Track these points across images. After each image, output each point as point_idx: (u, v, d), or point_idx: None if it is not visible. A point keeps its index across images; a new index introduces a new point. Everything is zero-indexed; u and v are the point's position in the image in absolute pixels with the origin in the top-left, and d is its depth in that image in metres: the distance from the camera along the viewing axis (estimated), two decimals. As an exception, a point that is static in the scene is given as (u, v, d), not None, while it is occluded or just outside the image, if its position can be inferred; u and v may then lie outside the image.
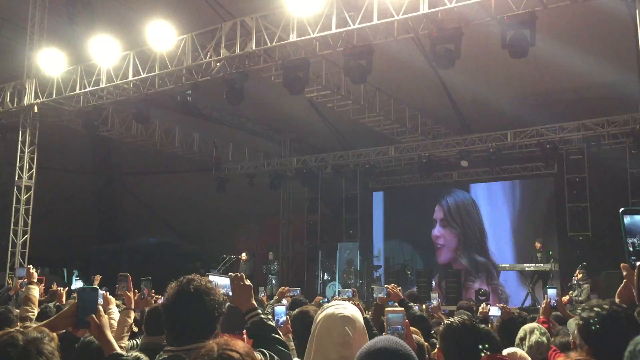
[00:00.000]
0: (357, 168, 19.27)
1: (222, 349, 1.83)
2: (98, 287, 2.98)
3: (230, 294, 2.84)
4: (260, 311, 2.72)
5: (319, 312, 2.64)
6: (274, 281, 17.37)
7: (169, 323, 2.58)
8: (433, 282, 16.69)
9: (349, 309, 2.61)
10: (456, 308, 8.55)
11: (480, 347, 2.80)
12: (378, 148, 17.88)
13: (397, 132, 16.82)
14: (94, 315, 2.74)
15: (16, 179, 14.45)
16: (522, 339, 4.37)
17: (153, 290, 5.26)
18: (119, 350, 2.81)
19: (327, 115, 17.29)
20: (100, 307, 2.81)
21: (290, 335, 4.02)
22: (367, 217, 20.44)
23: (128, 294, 4.64)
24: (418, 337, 3.55)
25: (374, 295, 5.82)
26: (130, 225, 23.04)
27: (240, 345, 1.88)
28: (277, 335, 2.65)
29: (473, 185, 18.91)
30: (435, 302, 7.24)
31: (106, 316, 2.84)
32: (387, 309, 2.95)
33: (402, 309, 3.02)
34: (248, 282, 2.87)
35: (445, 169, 18.62)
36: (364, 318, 4.56)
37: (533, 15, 9.43)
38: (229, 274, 2.91)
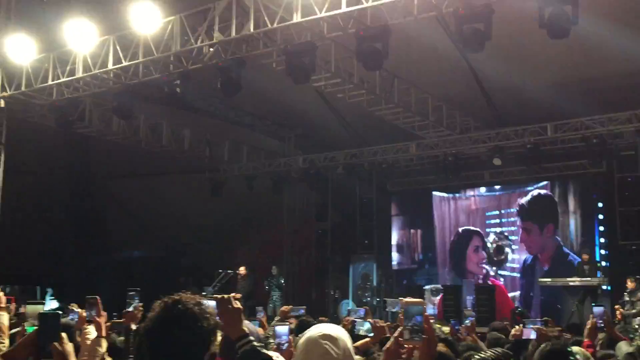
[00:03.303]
0: (373, 168, 19.25)
1: None
2: (60, 312, 3.02)
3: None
4: (252, 338, 2.74)
5: (298, 337, 2.70)
6: (276, 299, 17.39)
7: (150, 351, 2.57)
8: (467, 299, 16.66)
9: (330, 328, 2.66)
10: (488, 330, 8.53)
11: None
12: (397, 145, 17.87)
13: (419, 126, 16.80)
14: (56, 343, 2.79)
15: (-19, 183, 14.56)
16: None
17: (141, 304, 5.28)
18: None
19: (338, 107, 17.29)
20: (64, 334, 2.84)
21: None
22: (384, 224, 20.43)
23: (98, 319, 4.65)
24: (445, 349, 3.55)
25: (387, 309, 5.83)
26: (112, 237, 23.11)
27: None
28: None
29: (507, 186, 18.88)
30: (468, 322, 7.23)
31: (70, 344, 2.87)
32: (404, 300, 2.97)
33: (422, 300, 3.05)
34: (237, 305, 2.88)
35: (475, 169, 18.57)
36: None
37: (575, -12, 9.39)
38: (215, 295, 2.92)
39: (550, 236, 18.07)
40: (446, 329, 7.06)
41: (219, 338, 2.87)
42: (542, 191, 18.41)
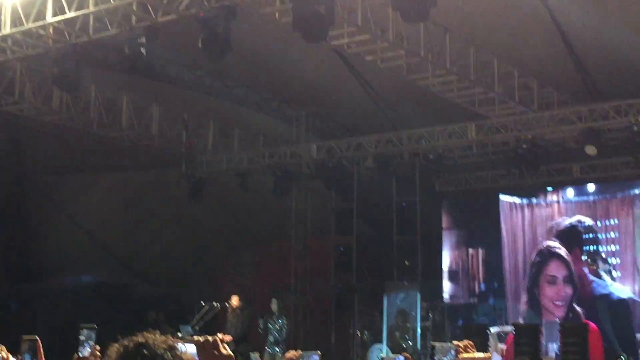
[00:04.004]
0: (416, 160, 19.21)
1: None
2: None
3: None
4: None
5: None
6: (277, 346, 17.40)
7: None
8: (551, 346, 16.67)
9: None
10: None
11: None
12: (449, 127, 17.83)
13: (481, 101, 16.73)
14: None
15: None
16: None
17: (98, 347, 5.35)
18: None
19: (367, 75, 17.27)
20: None
21: None
22: (432, 240, 20.38)
23: None
24: None
25: (435, 358, 5.79)
26: (53, 256, 23.25)
27: None
28: None
29: (605, 186, 18.78)
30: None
31: None
32: (463, 355, 2.98)
33: (487, 356, 3.05)
34: (227, 350, 2.88)
35: (559, 161, 18.48)
36: None
37: None
38: (196, 338, 2.92)
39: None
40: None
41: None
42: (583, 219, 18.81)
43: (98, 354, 5.21)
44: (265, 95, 19.75)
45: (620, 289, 18.18)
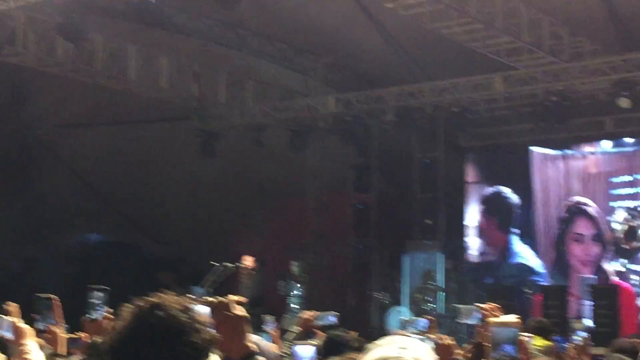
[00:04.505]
0: (439, 113, 19.15)
1: None
2: None
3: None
4: (262, 359, 2.78)
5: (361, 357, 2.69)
6: (295, 308, 17.54)
7: None
8: (584, 304, 16.69)
9: (412, 350, 2.63)
10: (609, 350, 8.51)
11: None
12: (474, 78, 17.75)
13: (507, 51, 16.65)
14: None
15: None
16: None
17: (110, 311, 5.38)
18: None
19: (387, 23, 17.18)
20: None
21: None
22: (456, 197, 20.37)
23: (54, 329, 4.73)
24: None
25: (458, 319, 5.87)
26: (58, 214, 23.42)
27: None
28: None
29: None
30: (579, 338, 7.29)
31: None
32: (492, 319, 2.98)
33: (517, 319, 3.05)
34: (240, 312, 2.90)
35: (590, 114, 18.38)
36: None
37: None
38: (208, 299, 2.94)
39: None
40: (539, 342, 7.09)
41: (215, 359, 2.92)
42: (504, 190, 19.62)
43: (110, 316, 5.23)
44: (279, 45, 19.68)
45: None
